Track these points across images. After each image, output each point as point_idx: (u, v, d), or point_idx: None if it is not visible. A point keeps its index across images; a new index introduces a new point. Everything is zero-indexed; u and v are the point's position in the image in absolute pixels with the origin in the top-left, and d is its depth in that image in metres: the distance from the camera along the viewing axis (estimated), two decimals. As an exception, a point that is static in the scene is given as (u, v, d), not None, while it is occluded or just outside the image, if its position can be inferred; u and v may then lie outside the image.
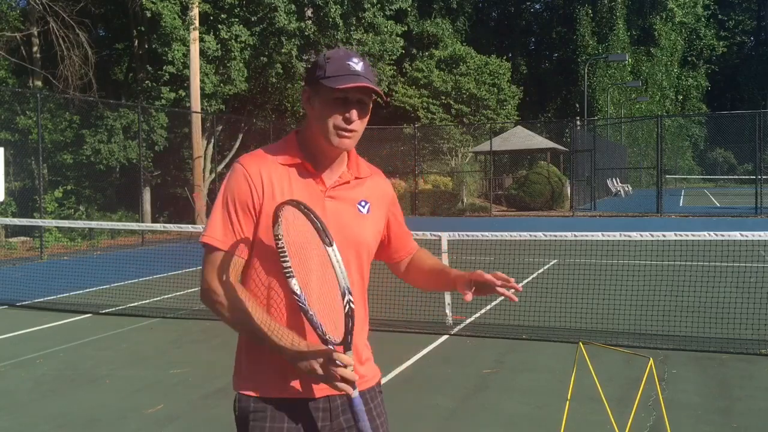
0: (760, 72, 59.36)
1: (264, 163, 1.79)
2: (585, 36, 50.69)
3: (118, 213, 20.59)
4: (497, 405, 4.76)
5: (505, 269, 9.48)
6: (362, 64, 1.75)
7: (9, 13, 20.28)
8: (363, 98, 1.76)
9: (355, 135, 1.77)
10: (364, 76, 1.72)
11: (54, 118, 18.97)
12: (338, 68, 1.73)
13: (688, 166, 55.57)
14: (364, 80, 1.72)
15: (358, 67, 1.73)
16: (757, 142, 23.04)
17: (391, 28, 24.08)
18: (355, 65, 1.73)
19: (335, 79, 1.71)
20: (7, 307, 8.73)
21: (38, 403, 4.94)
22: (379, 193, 1.92)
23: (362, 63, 1.75)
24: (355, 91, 1.73)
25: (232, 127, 23.09)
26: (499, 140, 29.05)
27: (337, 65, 1.73)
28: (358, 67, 1.73)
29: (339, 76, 1.71)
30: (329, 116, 1.74)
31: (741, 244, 8.95)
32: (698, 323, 6.57)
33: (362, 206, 1.86)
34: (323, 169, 1.82)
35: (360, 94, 1.74)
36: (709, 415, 4.48)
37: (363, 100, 1.76)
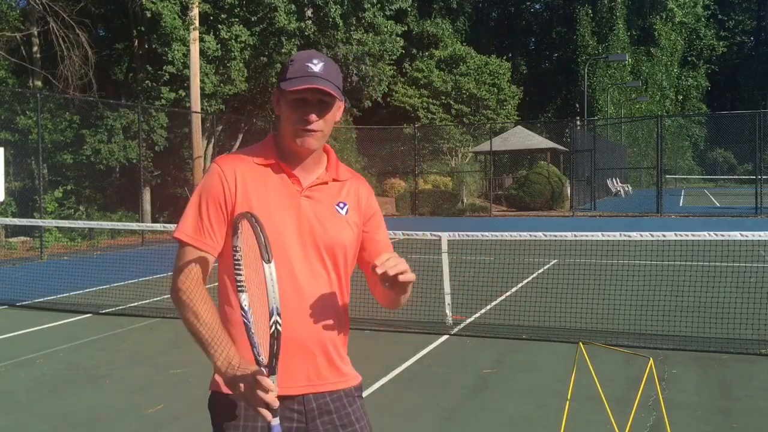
0: (760, 72, 59.37)
1: (240, 164, 1.81)
2: (585, 36, 50.70)
3: (118, 213, 20.59)
4: (497, 405, 4.76)
5: (505, 269, 9.47)
6: (322, 65, 1.74)
7: (9, 13, 20.28)
8: (324, 98, 1.75)
9: (319, 135, 1.77)
10: (321, 77, 1.72)
11: (54, 118, 18.97)
12: (297, 69, 1.73)
13: (688, 166, 55.58)
14: (319, 81, 1.71)
15: (316, 68, 1.73)
16: (757, 142, 23.04)
17: (391, 28, 24.08)
18: (313, 66, 1.73)
19: (291, 81, 1.72)
20: (7, 307, 8.73)
21: (38, 403, 4.94)
22: (358, 196, 1.91)
23: (322, 64, 1.75)
24: (314, 92, 1.73)
25: (232, 127, 23.09)
26: (499, 140, 29.06)
27: (297, 66, 1.74)
28: (316, 68, 1.73)
29: (296, 78, 1.72)
30: (291, 117, 1.76)
31: (741, 244, 8.95)
32: (698, 323, 6.57)
33: (340, 207, 1.85)
34: (298, 170, 1.82)
35: (320, 95, 1.74)
36: (709, 415, 4.48)
37: (324, 100, 1.75)
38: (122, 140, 19.17)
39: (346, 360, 1.90)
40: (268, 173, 1.81)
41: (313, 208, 1.81)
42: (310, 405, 1.80)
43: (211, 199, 1.78)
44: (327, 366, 1.82)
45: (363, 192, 1.93)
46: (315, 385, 1.80)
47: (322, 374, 1.81)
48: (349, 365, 1.91)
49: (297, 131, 1.75)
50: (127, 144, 19.21)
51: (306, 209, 1.80)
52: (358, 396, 1.90)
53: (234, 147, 22.93)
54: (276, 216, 1.77)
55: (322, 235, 1.79)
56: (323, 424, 1.80)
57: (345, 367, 1.88)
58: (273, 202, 1.78)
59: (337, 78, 1.77)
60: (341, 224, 1.83)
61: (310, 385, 1.80)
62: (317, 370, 1.80)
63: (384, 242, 1.95)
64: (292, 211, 1.79)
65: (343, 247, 1.83)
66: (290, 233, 1.78)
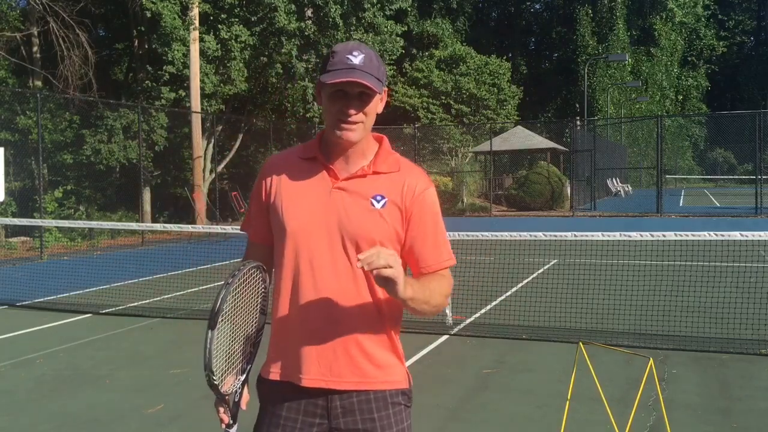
0: (760, 72, 59.37)
1: (282, 161, 1.90)
2: (585, 36, 50.69)
3: (118, 213, 20.60)
4: (497, 405, 4.76)
5: (505, 269, 9.45)
6: (363, 56, 1.73)
7: (9, 13, 20.28)
8: (364, 91, 1.74)
9: (359, 127, 1.75)
10: (359, 70, 1.70)
11: (54, 118, 18.98)
12: (337, 62, 1.73)
13: (688, 166, 55.58)
14: (358, 74, 1.70)
15: (355, 61, 1.71)
16: (757, 142, 23.04)
17: (391, 28, 24.08)
18: (353, 59, 1.72)
19: (330, 74, 1.72)
20: (7, 307, 8.73)
21: (38, 403, 4.94)
22: (402, 189, 1.80)
23: (363, 56, 1.73)
24: (353, 85, 1.71)
25: (232, 127, 23.09)
26: (499, 140, 29.05)
27: (337, 59, 1.73)
28: (355, 61, 1.71)
29: (335, 70, 1.72)
30: (330, 110, 1.76)
31: (741, 244, 8.95)
32: (698, 323, 6.57)
33: (377, 200, 1.78)
34: (337, 162, 1.82)
35: (359, 88, 1.72)
36: (709, 415, 4.48)
37: (364, 92, 1.74)
38: (122, 140, 19.18)
39: (380, 361, 1.81)
40: (308, 167, 1.84)
41: (344, 201, 1.78)
42: (333, 403, 1.79)
43: (254, 195, 1.93)
44: (346, 364, 1.78)
45: (410, 185, 1.81)
46: (329, 381, 1.78)
47: (339, 372, 1.78)
48: (386, 368, 1.82)
49: (336, 124, 1.75)
50: (127, 144, 19.22)
51: (336, 202, 1.78)
52: (395, 402, 1.82)
53: (234, 147, 22.94)
54: (303, 210, 1.79)
55: (348, 228, 1.76)
56: (345, 424, 1.79)
57: (374, 369, 1.80)
58: (304, 196, 1.81)
59: (377, 70, 1.75)
60: (372, 217, 1.76)
61: (323, 380, 1.78)
62: (332, 366, 1.77)
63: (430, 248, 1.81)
64: (321, 204, 1.79)
65: (370, 241, 1.75)
66: (316, 227, 1.78)
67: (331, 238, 1.77)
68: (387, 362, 1.82)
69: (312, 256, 1.77)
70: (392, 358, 1.84)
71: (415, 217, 1.79)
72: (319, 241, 1.77)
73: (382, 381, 1.81)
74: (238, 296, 1.75)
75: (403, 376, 1.86)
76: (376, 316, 1.80)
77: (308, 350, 1.78)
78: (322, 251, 1.77)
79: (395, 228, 1.78)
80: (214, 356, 1.67)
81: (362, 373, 1.79)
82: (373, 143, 1.86)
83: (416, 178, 1.83)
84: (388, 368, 1.83)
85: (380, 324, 1.81)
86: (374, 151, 1.85)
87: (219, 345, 1.72)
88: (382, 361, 1.81)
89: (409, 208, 1.79)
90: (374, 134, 1.88)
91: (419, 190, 1.81)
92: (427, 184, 1.84)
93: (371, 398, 1.79)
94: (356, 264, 1.59)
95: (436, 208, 1.85)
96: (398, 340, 1.89)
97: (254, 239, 1.94)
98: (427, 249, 1.81)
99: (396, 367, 1.84)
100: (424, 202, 1.82)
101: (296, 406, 1.81)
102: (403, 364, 1.88)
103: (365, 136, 1.80)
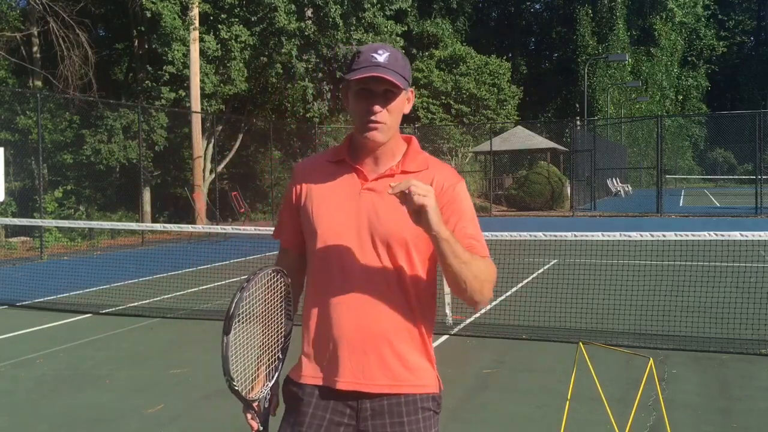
0: (760, 72, 59.38)
1: (311, 165, 1.91)
2: (585, 36, 50.70)
3: (118, 213, 20.60)
4: (497, 405, 4.76)
5: (505, 269, 9.42)
6: (388, 54, 1.72)
7: (9, 13, 20.28)
8: (390, 89, 1.73)
9: (384, 127, 1.75)
10: (384, 67, 1.70)
11: (54, 118, 18.98)
12: (362, 60, 1.72)
13: (688, 166, 55.59)
14: (381, 70, 1.69)
15: (380, 59, 1.71)
16: (757, 142, 23.05)
17: (391, 28, 24.08)
18: (378, 57, 1.72)
19: (354, 72, 1.72)
20: (7, 307, 8.73)
21: (38, 403, 4.94)
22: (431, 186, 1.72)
23: (388, 54, 1.73)
24: (378, 83, 1.71)
25: (232, 127, 23.08)
26: (499, 140, 29.06)
27: (363, 58, 1.73)
28: (380, 59, 1.71)
29: (360, 68, 1.71)
30: (356, 109, 1.76)
31: (741, 244, 8.95)
32: (698, 323, 6.57)
33: None
34: (365, 163, 1.82)
35: (385, 86, 1.72)
36: (709, 415, 4.48)
37: (390, 90, 1.73)
38: (122, 140, 19.18)
39: (411, 364, 1.79)
40: (337, 170, 1.84)
41: (373, 201, 1.77)
42: (363, 405, 1.78)
43: (285, 201, 1.94)
44: (378, 366, 1.76)
45: (439, 180, 1.79)
46: (361, 383, 1.76)
47: (371, 374, 1.76)
48: (418, 371, 1.80)
49: (362, 124, 1.75)
50: (127, 144, 19.21)
51: (366, 203, 1.78)
52: (424, 407, 1.82)
53: (234, 147, 22.94)
54: (333, 212, 1.80)
55: (378, 229, 1.75)
56: (374, 427, 1.78)
57: (406, 372, 1.79)
58: (333, 198, 1.81)
59: (403, 68, 1.74)
60: (402, 216, 1.68)
61: (355, 383, 1.76)
62: (364, 368, 1.76)
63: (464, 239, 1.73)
64: (351, 206, 1.78)
65: (401, 240, 1.75)
66: (347, 229, 1.77)
67: (361, 240, 1.76)
68: (419, 365, 1.81)
69: (342, 258, 1.77)
70: (424, 362, 1.83)
71: (446, 210, 1.75)
72: (350, 243, 1.77)
73: (414, 384, 1.80)
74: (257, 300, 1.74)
75: (434, 381, 1.85)
76: (409, 316, 1.79)
77: (340, 352, 1.77)
78: (353, 252, 1.77)
79: None
80: (232, 361, 1.66)
81: (394, 375, 1.77)
82: (402, 143, 1.86)
83: (445, 173, 1.83)
84: (420, 371, 1.81)
85: (413, 325, 1.80)
86: (403, 151, 1.85)
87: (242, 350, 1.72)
88: (415, 363, 1.80)
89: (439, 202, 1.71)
90: (403, 135, 1.88)
91: (449, 185, 1.80)
92: (458, 178, 1.84)
93: (401, 402, 1.78)
94: (388, 192, 1.58)
95: (468, 202, 1.82)
96: (431, 344, 1.87)
97: (286, 246, 1.96)
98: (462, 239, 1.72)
99: (428, 371, 1.83)
100: (455, 195, 1.79)
101: (324, 404, 1.80)
102: (434, 368, 1.86)
103: (393, 136, 1.79)
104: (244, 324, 1.70)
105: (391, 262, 1.76)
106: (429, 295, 1.85)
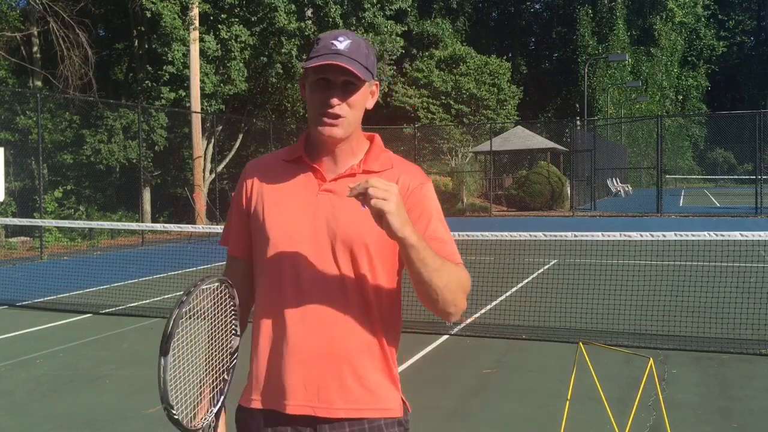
0: (760, 72, 59.40)
1: (264, 165, 1.73)
2: (585, 36, 50.69)
3: (118, 213, 20.60)
4: (497, 405, 4.76)
5: (505, 269, 9.42)
6: (349, 42, 1.55)
7: (9, 13, 20.29)
8: (349, 79, 1.55)
9: (343, 122, 1.57)
10: (344, 55, 1.52)
11: (54, 118, 18.99)
12: (321, 47, 1.55)
13: (688, 166, 55.60)
14: (341, 59, 1.51)
15: (341, 46, 1.53)
16: (757, 142, 23.05)
17: (391, 28, 24.09)
18: (338, 44, 1.54)
19: (312, 60, 1.54)
20: (7, 307, 8.73)
21: (38, 403, 4.94)
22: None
23: (349, 41, 1.55)
24: (337, 73, 1.53)
25: (232, 127, 23.09)
26: (499, 140, 29.05)
27: (322, 44, 1.56)
28: (341, 46, 1.53)
29: (318, 56, 1.54)
30: (312, 101, 1.58)
31: (741, 244, 8.96)
32: (698, 323, 6.58)
33: None
34: (323, 162, 1.65)
35: (345, 77, 1.54)
36: (709, 415, 4.48)
37: (350, 81, 1.55)
38: (122, 140, 19.19)
39: (373, 385, 1.61)
40: (292, 169, 1.67)
41: (332, 204, 1.60)
42: (323, 427, 1.60)
43: (234, 203, 1.76)
44: (335, 388, 1.58)
45: (405, 182, 1.62)
46: (315, 407, 1.58)
47: (327, 397, 1.58)
48: (381, 393, 1.62)
49: (318, 118, 1.57)
50: (127, 144, 19.22)
51: (324, 205, 1.60)
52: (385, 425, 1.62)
53: (234, 147, 22.95)
54: (287, 216, 1.62)
55: (337, 234, 1.58)
56: None
57: (367, 394, 1.60)
58: (288, 201, 1.64)
59: (365, 58, 1.56)
60: (363, 219, 1.54)
61: (309, 407, 1.58)
62: (319, 390, 1.58)
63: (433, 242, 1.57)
64: (308, 209, 1.61)
65: (363, 246, 1.58)
66: (302, 234, 1.60)
67: (318, 246, 1.59)
68: (382, 386, 1.63)
69: (297, 266, 1.59)
70: (387, 382, 1.64)
71: (412, 213, 1.56)
72: (305, 249, 1.59)
73: (377, 408, 1.61)
74: (199, 316, 1.55)
75: (398, 404, 1.65)
76: (370, 331, 1.61)
77: (293, 373, 1.58)
78: (309, 260, 1.59)
79: None
80: (171, 387, 1.44)
81: (354, 398, 1.59)
82: (364, 141, 1.69)
83: (412, 173, 1.66)
84: (382, 394, 1.62)
85: (375, 342, 1.62)
86: (365, 149, 1.68)
87: (182, 374, 1.52)
88: (376, 385, 1.62)
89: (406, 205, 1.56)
90: (366, 133, 1.71)
91: (415, 185, 1.63)
92: (424, 179, 1.67)
93: (365, 428, 1.59)
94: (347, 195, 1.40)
95: (435, 203, 1.65)
96: (395, 362, 1.69)
97: (235, 253, 1.74)
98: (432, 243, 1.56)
99: (391, 393, 1.64)
100: (422, 196, 1.63)
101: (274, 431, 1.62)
102: (398, 389, 1.67)
103: (353, 133, 1.62)
104: (185, 342, 1.50)
105: (352, 271, 1.59)
106: (394, 307, 1.68)
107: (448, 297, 1.52)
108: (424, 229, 1.59)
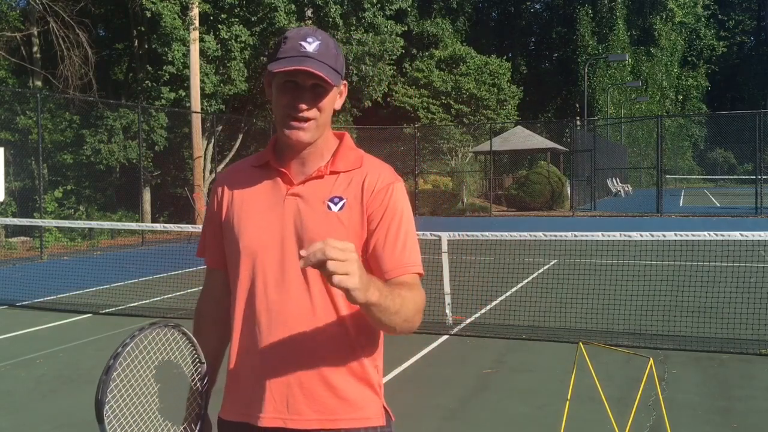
0: (760, 72, 59.41)
1: (234, 173, 1.70)
2: (585, 36, 50.69)
3: (118, 213, 20.60)
4: (497, 405, 4.76)
5: (505, 269, 9.44)
6: (318, 44, 1.50)
7: (9, 13, 20.29)
8: (318, 83, 1.51)
9: (311, 125, 1.53)
10: (314, 58, 1.48)
11: (54, 118, 18.99)
12: (289, 48, 1.50)
13: (688, 166, 55.62)
14: (310, 63, 1.48)
15: (310, 48, 1.49)
16: (757, 142, 23.05)
17: (391, 28, 24.10)
18: (307, 46, 1.49)
19: (279, 62, 1.49)
20: (7, 307, 8.73)
21: (38, 403, 4.94)
22: (362, 188, 1.56)
23: (318, 43, 1.51)
24: (306, 76, 1.49)
25: (232, 127, 23.10)
26: (499, 140, 29.06)
27: (289, 45, 1.51)
28: (310, 48, 1.49)
29: (285, 57, 1.49)
30: (279, 103, 1.55)
31: (741, 244, 8.96)
32: (698, 323, 6.58)
33: (334, 203, 1.55)
34: (291, 166, 1.60)
35: (313, 79, 1.50)
36: (709, 415, 4.48)
37: (319, 85, 1.51)
38: (122, 140, 19.19)
39: (347, 394, 1.56)
40: (261, 175, 1.63)
41: (299, 207, 1.55)
42: None
43: (207, 214, 1.74)
44: (305, 399, 1.53)
45: (371, 182, 1.57)
46: (286, 419, 1.54)
47: (297, 408, 1.54)
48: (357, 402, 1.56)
49: (285, 121, 1.53)
50: (127, 144, 19.23)
51: (290, 210, 1.56)
52: None
53: (234, 147, 22.95)
54: (255, 223, 1.59)
55: (304, 239, 1.53)
56: None
57: (341, 404, 1.55)
58: (256, 207, 1.60)
59: (335, 59, 1.53)
60: (328, 223, 1.53)
61: (279, 418, 1.55)
62: (288, 401, 1.54)
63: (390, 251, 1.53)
64: (275, 215, 1.57)
65: None
66: (270, 241, 1.56)
67: (285, 253, 1.54)
68: (358, 395, 1.56)
69: (265, 275, 1.56)
70: (365, 390, 1.58)
71: (376, 215, 1.54)
72: (273, 257, 1.55)
73: (353, 418, 1.55)
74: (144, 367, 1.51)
75: (377, 411, 1.59)
76: (343, 339, 1.55)
77: (263, 385, 1.55)
78: (276, 268, 1.55)
79: (356, 232, 1.54)
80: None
81: (326, 408, 1.54)
82: (333, 141, 1.63)
83: (379, 172, 1.58)
84: (360, 402, 1.56)
85: (348, 349, 1.55)
86: (333, 148, 1.63)
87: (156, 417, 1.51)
88: (352, 393, 1.56)
89: (370, 206, 1.55)
90: (335, 132, 1.66)
91: (381, 185, 1.56)
92: (392, 178, 1.59)
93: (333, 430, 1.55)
94: (300, 264, 1.25)
95: (401, 204, 1.57)
96: (377, 368, 1.62)
97: (212, 265, 1.73)
98: (388, 251, 1.53)
99: (370, 401, 1.58)
100: (386, 197, 1.56)
101: None
102: (378, 396, 1.60)
103: (322, 135, 1.58)
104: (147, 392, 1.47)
105: (320, 276, 1.49)
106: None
107: (406, 327, 1.47)
108: (385, 233, 1.54)
